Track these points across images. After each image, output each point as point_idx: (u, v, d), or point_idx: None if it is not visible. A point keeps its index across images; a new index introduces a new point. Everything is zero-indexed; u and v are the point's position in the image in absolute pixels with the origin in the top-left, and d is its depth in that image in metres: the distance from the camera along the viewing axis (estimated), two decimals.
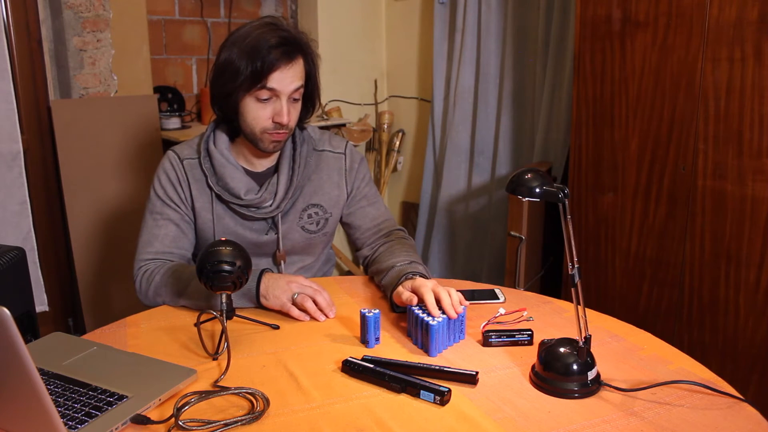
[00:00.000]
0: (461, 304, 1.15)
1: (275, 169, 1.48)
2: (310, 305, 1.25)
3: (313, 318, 1.26)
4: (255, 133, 1.38)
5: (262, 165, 1.48)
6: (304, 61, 1.38)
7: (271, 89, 1.33)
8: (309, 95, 1.44)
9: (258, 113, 1.36)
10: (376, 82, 3.33)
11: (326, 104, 3.11)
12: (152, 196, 1.45)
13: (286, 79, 1.34)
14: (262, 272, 1.30)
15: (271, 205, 1.43)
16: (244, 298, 1.29)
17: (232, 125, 1.43)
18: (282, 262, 1.50)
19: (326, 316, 1.26)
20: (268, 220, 1.46)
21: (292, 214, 1.47)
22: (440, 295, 1.14)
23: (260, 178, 1.46)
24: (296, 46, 1.35)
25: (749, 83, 1.68)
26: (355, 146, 1.65)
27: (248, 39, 1.33)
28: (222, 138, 1.44)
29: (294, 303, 1.26)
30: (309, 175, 1.48)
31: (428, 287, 1.16)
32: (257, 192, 1.43)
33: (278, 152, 1.47)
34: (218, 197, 1.43)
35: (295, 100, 1.38)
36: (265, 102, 1.35)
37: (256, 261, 1.47)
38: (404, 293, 1.21)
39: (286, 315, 1.27)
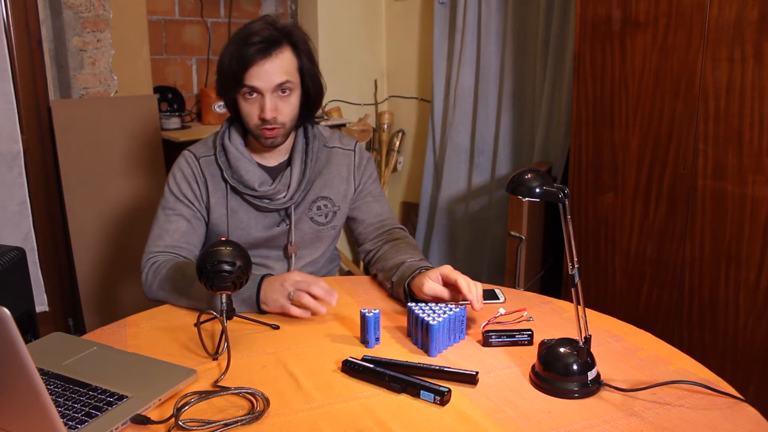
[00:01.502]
0: (464, 301, 1.19)
1: (288, 163, 1.51)
2: (307, 300, 1.22)
3: (314, 312, 1.24)
4: (250, 128, 1.42)
5: (275, 159, 1.51)
6: (295, 56, 1.39)
7: (251, 86, 1.36)
8: (307, 89, 1.45)
9: (248, 110, 1.40)
10: (376, 82, 3.33)
11: (326, 104, 3.11)
12: (166, 192, 1.48)
13: (265, 74, 1.35)
14: (261, 279, 1.29)
15: (284, 197, 1.46)
16: (245, 306, 1.28)
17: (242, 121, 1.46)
18: (293, 255, 1.51)
19: (330, 304, 1.23)
20: (281, 211, 1.48)
21: (303, 206, 1.50)
22: (470, 285, 1.19)
23: (273, 173, 1.50)
24: (275, 41, 1.36)
25: (749, 83, 1.68)
26: None
27: (234, 37, 1.37)
28: (236, 134, 1.49)
29: (292, 302, 1.25)
30: (320, 170, 1.52)
31: (459, 273, 1.20)
32: (271, 184, 1.46)
33: (290, 147, 1.51)
34: (233, 190, 1.46)
35: (284, 93, 1.39)
36: (252, 99, 1.38)
37: (267, 254, 1.51)
38: (430, 282, 1.22)
39: (288, 315, 1.26)
